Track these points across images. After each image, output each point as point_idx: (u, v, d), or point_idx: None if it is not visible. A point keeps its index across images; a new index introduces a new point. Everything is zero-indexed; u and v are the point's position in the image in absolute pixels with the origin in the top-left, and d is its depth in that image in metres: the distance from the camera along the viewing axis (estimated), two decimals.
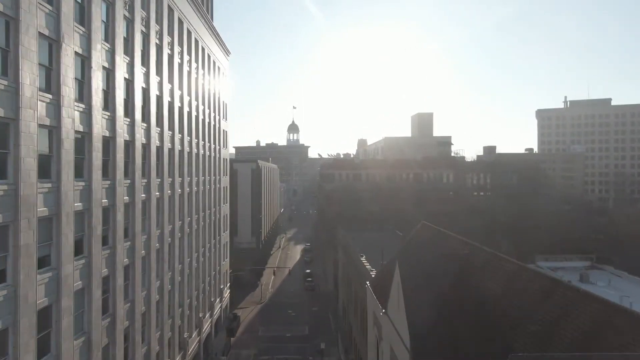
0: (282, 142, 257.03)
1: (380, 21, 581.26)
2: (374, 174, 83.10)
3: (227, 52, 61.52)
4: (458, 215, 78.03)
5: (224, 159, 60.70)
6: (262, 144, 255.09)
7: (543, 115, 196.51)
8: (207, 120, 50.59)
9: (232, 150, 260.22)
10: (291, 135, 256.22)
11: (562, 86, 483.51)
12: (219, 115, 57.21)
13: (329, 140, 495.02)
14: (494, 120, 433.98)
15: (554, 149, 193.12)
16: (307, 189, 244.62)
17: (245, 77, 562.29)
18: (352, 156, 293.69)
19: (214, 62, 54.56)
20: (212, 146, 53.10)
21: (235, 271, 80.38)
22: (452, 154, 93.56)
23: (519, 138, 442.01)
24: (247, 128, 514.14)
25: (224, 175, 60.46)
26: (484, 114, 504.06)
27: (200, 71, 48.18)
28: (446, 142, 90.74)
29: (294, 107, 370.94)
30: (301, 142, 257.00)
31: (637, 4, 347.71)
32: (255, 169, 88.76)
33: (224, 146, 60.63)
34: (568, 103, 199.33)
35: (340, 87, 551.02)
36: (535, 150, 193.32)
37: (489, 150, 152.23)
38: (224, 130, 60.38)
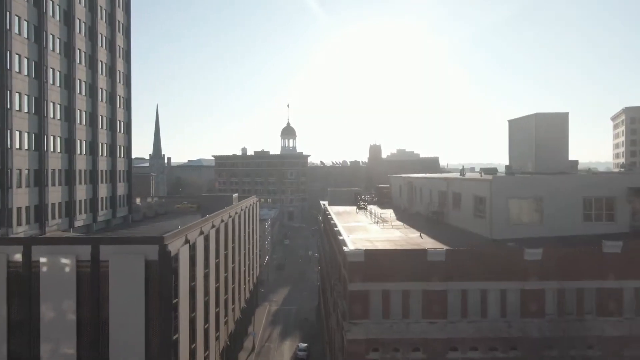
0: (276, 150, 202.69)
1: (383, 18, 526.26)
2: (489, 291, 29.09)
3: None
4: None
5: None
6: (250, 152, 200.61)
7: (633, 116, 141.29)
8: None
9: (210, 157, 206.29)
10: (286, 141, 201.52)
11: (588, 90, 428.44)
12: None
13: (332, 148, 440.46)
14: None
15: None
16: (307, 209, 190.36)
17: (240, 80, 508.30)
18: (361, 164, 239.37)
19: None
20: None
21: None
22: None
23: None
24: (237, 135, 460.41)
25: None
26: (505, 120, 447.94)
27: None
28: None
29: (288, 106, 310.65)
30: (299, 150, 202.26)
31: None
32: (160, 260, 34.21)
33: None
34: None
35: (343, 89, 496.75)
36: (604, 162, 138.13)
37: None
38: None
